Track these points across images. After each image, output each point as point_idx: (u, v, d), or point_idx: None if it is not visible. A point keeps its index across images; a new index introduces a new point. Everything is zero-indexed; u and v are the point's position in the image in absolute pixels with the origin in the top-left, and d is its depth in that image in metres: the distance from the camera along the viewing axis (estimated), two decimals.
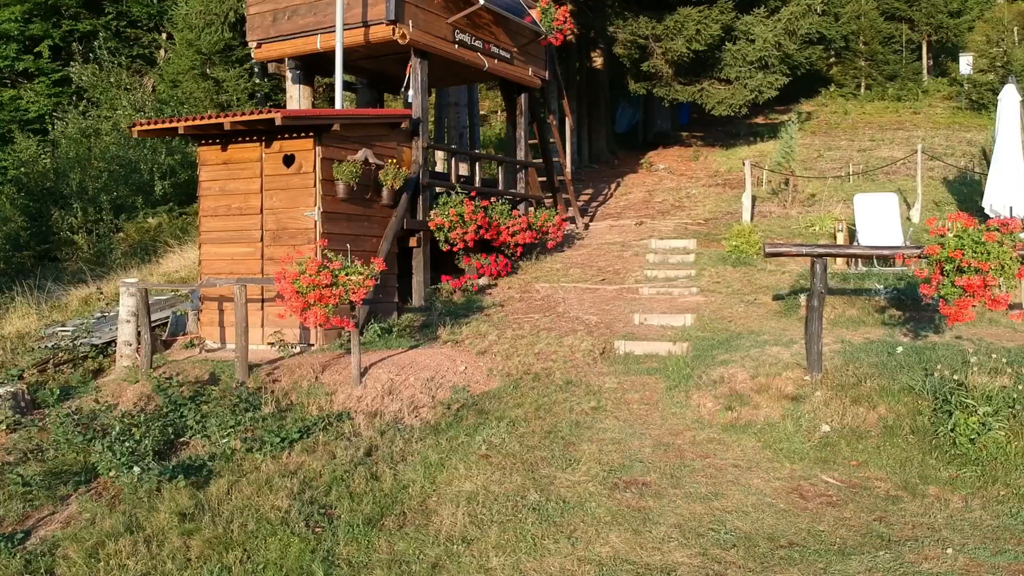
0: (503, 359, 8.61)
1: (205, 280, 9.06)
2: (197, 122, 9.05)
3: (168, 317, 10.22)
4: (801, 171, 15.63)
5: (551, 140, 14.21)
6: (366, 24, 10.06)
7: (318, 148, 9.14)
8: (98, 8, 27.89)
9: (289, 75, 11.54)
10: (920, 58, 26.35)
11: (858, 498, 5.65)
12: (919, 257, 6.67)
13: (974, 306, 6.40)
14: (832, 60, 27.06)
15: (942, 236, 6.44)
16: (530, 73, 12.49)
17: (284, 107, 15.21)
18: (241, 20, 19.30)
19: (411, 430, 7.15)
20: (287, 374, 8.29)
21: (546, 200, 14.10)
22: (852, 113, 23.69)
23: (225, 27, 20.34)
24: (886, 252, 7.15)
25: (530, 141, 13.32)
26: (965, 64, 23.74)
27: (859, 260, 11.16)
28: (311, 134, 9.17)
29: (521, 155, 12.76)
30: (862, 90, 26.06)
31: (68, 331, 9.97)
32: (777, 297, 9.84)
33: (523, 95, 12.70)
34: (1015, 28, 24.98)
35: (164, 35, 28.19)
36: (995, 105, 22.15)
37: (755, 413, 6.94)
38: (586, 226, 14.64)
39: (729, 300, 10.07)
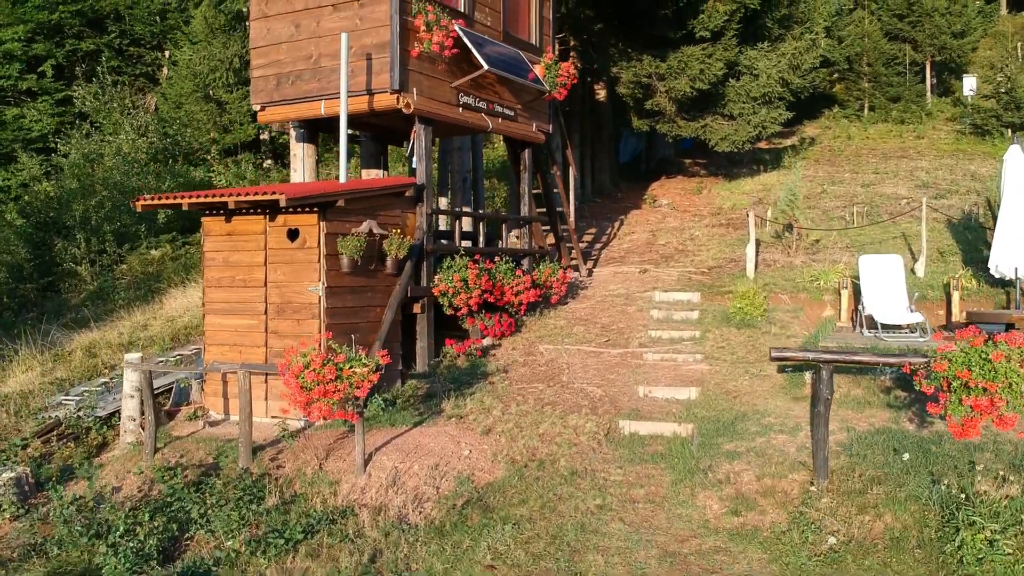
0: (508, 440, 8.59)
1: (211, 364, 9.05)
2: (201, 199, 9.03)
3: (172, 384, 10.22)
4: (804, 209, 15.55)
5: (555, 190, 14.17)
6: (370, 92, 10.00)
7: (322, 223, 9.11)
8: (101, 27, 27.84)
9: (293, 133, 11.51)
10: (924, 79, 26.24)
11: None
12: (925, 368, 6.64)
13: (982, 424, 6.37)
14: (835, 78, 26.97)
15: (948, 352, 6.42)
16: (534, 129, 12.44)
17: (288, 153, 15.15)
18: (245, 64, 19.23)
19: (416, 531, 7.13)
20: (291, 459, 8.28)
21: (549, 246, 14.07)
22: (856, 138, 23.59)
23: (230, 73, 20.27)
24: (893, 361, 7.13)
25: (534, 191, 13.27)
26: (968, 88, 23.68)
27: (864, 325, 11.15)
28: (316, 209, 9.14)
29: (525, 211, 12.71)
30: (865, 111, 25.98)
31: (72, 401, 9.98)
32: (782, 369, 9.82)
33: (527, 151, 12.65)
34: (1019, 44, 24.91)
35: (167, 54, 28.15)
36: (999, 131, 22.28)
37: (761, 519, 6.92)
38: (589, 272, 14.61)
39: (734, 370, 10.04)
